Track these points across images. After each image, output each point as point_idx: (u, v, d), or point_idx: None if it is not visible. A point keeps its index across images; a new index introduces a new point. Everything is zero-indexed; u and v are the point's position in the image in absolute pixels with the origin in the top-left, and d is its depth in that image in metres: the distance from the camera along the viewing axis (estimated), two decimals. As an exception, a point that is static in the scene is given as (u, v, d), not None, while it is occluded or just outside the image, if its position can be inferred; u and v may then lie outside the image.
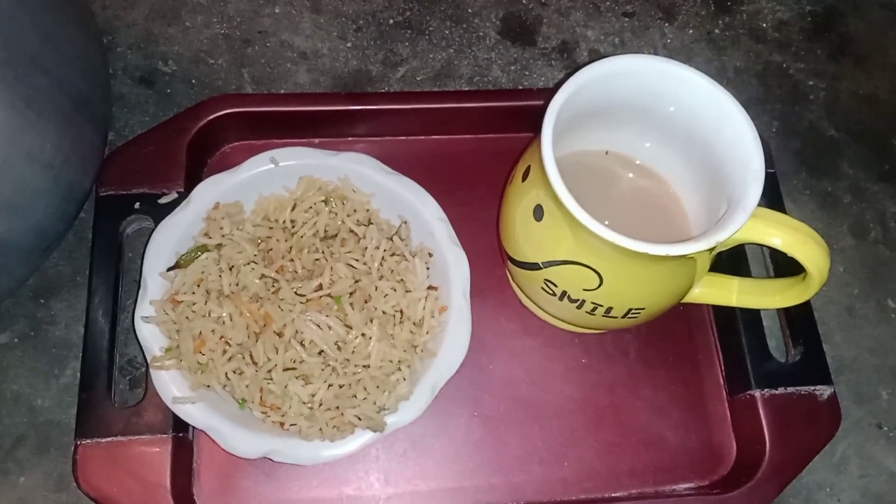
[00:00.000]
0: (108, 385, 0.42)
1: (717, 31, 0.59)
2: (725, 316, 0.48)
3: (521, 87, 0.55)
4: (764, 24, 0.59)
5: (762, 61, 0.58)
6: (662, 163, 0.45)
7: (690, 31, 0.58)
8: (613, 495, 0.45)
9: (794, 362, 0.46)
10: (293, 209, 0.45)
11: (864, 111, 0.57)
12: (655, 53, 0.57)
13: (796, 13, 0.60)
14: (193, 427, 0.42)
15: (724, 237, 0.36)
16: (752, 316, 0.47)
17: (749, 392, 0.45)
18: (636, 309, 0.41)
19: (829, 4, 0.61)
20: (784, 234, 0.38)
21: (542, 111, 0.38)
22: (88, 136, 0.44)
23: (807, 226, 0.38)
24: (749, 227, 0.37)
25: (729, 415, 0.47)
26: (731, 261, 0.48)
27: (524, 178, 0.41)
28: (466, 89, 0.55)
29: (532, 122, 0.51)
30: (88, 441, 0.41)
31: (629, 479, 0.45)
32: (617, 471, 0.45)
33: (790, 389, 0.45)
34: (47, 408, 0.44)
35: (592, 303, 0.40)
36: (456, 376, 0.43)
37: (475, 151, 0.52)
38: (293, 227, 0.44)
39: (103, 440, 0.41)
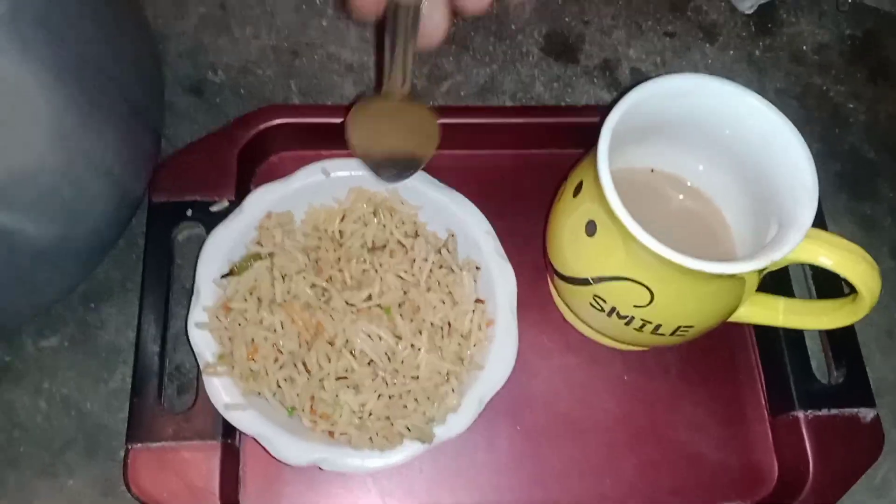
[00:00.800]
0: (159, 391, 0.43)
1: (757, 52, 0.59)
2: (767, 336, 0.48)
3: (564, 104, 0.56)
4: (804, 47, 0.60)
5: (802, 83, 0.58)
6: (709, 182, 0.45)
7: (731, 52, 0.59)
8: (655, 512, 0.45)
9: (837, 384, 0.47)
10: (342, 220, 0.45)
11: (904, 135, 0.57)
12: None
13: (836, 36, 0.60)
14: (240, 434, 0.43)
15: (778, 257, 0.36)
16: (796, 336, 0.47)
17: (793, 413, 0.45)
18: (685, 326, 0.41)
19: (869, 28, 0.61)
20: (837, 254, 0.38)
21: (589, 127, 0.39)
22: (144, 143, 0.45)
23: (858, 247, 0.38)
24: (802, 247, 0.38)
25: (770, 435, 0.47)
26: (775, 281, 0.48)
27: (576, 193, 0.41)
28: (511, 105, 0.55)
29: (575, 137, 0.52)
30: (139, 445, 0.41)
31: (669, 496, 0.45)
32: (657, 487, 0.46)
33: (833, 411, 0.45)
34: (96, 412, 0.45)
35: (642, 319, 0.41)
36: (501, 389, 0.43)
37: (520, 166, 0.52)
38: (341, 237, 0.45)
39: (154, 445, 0.41)
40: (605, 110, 0.39)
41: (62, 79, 0.36)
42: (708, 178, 0.44)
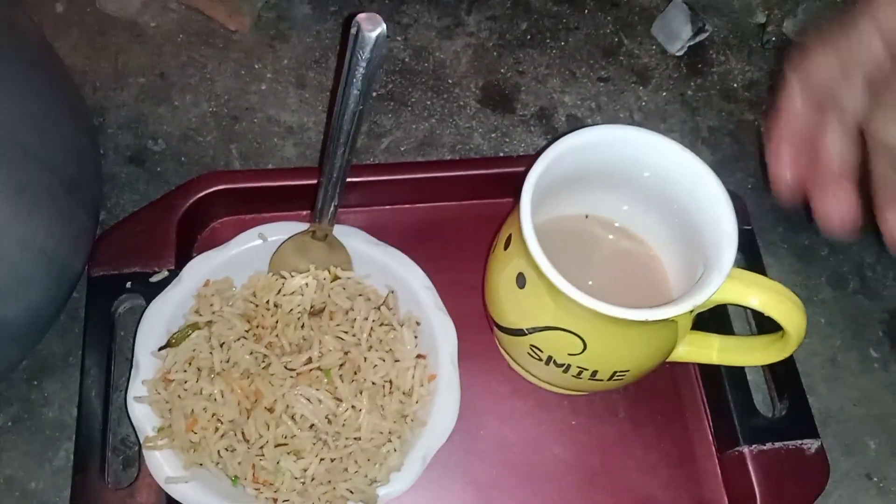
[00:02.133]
0: (102, 466, 0.43)
1: (689, 92, 0.61)
2: (711, 373, 0.49)
3: (502, 154, 0.57)
4: (735, 84, 0.61)
5: (735, 120, 0.60)
6: (641, 225, 0.46)
7: (664, 94, 0.60)
8: (609, 557, 0.45)
9: (780, 417, 0.47)
10: (279, 292, 0.45)
11: (837, 165, 0.58)
12: (631, 116, 0.59)
13: (765, 72, 0.62)
14: (187, 506, 0.42)
15: (701, 300, 0.37)
16: (737, 372, 0.48)
17: (738, 448, 0.46)
18: (621, 371, 0.41)
19: (797, 62, 0.63)
20: (760, 294, 0.39)
21: (522, 178, 0.39)
22: (80, 219, 0.46)
23: (781, 286, 0.39)
24: (726, 289, 0.38)
25: (719, 471, 0.47)
26: (714, 318, 0.48)
27: (506, 246, 0.42)
28: (449, 158, 0.56)
29: (514, 187, 0.52)
30: (83, 525, 0.41)
31: (623, 540, 0.45)
32: (611, 532, 0.46)
33: (778, 444, 0.46)
34: (41, 490, 0.44)
35: (578, 367, 0.41)
36: (447, 443, 0.43)
37: (460, 217, 0.53)
38: (278, 307, 0.45)
39: (97, 524, 0.41)
40: (532, 161, 0.40)
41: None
42: (636, 218, 0.45)
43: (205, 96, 0.57)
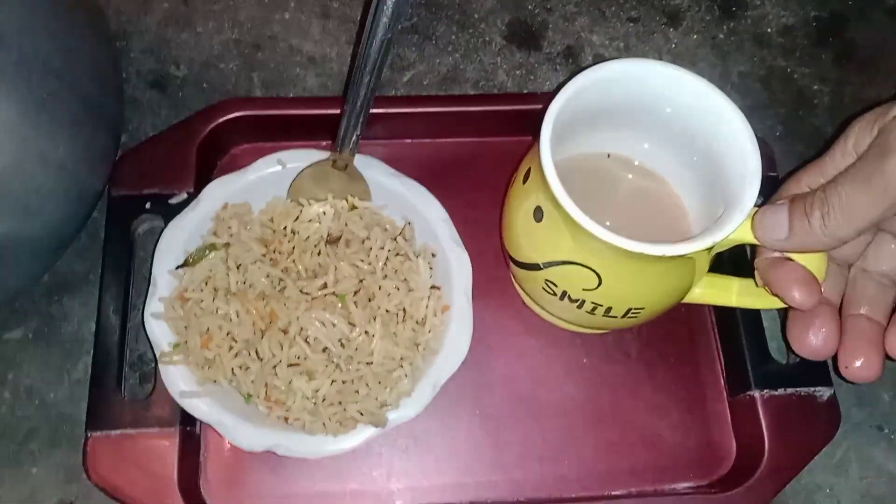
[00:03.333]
0: (118, 379, 0.43)
1: (721, 35, 0.59)
2: (726, 317, 0.48)
3: (525, 92, 0.56)
4: (769, 30, 0.60)
5: (766, 66, 0.59)
6: (662, 164, 0.45)
7: (695, 37, 0.59)
8: (613, 493, 0.45)
9: (794, 363, 0.47)
10: (297, 219, 0.45)
11: (868, 115, 0.57)
12: (660, 58, 0.58)
13: (801, 18, 0.60)
14: (200, 421, 0.43)
15: (720, 238, 0.37)
16: (753, 317, 0.47)
17: (749, 393, 0.46)
18: (635, 309, 0.41)
19: (834, 10, 0.61)
20: (781, 235, 0.38)
21: (544, 114, 0.39)
22: (101, 139, 0.46)
23: None
24: (745, 228, 0.38)
25: (729, 415, 0.47)
26: (732, 262, 0.48)
27: (525, 180, 0.42)
28: (472, 93, 0.55)
29: (534, 125, 0.52)
30: (98, 433, 0.42)
31: (629, 477, 0.46)
32: (616, 469, 0.46)
33: (790, 390, 0.45)
34: (59, 401, 0.45)
35: (592, 302, 0.41)
36: (458, 375, 0.44)
37: (480, 154, 0.53)
38: (295, 234, 0.45)
39: (113, 433, 0.42)
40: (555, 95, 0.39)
41: (8, 80, 0.37)
42: (658, 157, 0.45)
43: (228, 23, 0.56)
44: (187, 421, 0.43)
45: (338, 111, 0.47)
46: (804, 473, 0.45)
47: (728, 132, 0.40)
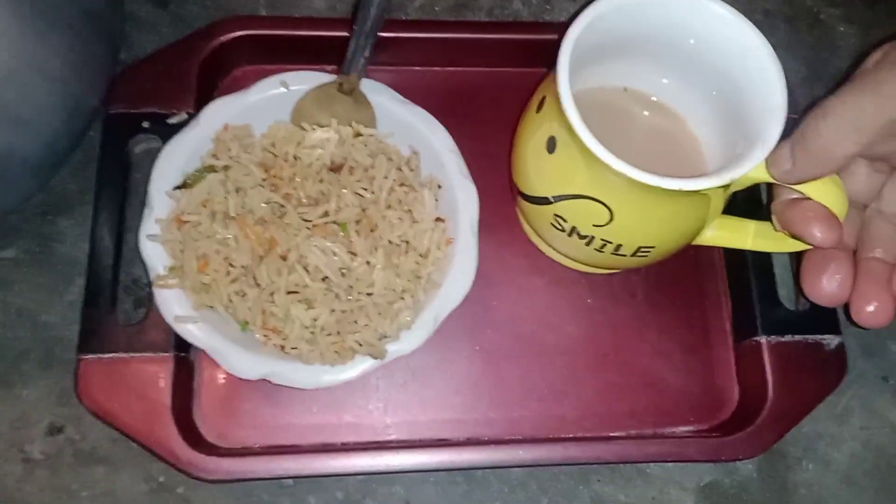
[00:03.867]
0: (112, 302, 0.42)
1: (747, -29, 0.57)
2: (736, 261, 0.47)
3: (541, 21, 0.54)
4: (797, -34, 0.57)
5: (793, 5, 0.56)
6: (680, 100, 0.43)
7: (719, -29, 0.56)
8: (611, 434, 0.45)
9: (803, 310, 0.46)
10: (299, 144, 0.44)
11: (895, 60, 0.55)
12: (681, -8, 0.55)
13: (832, -44, 0.58)
14: (195, 348, 0.42)
15: (738, 174, 0.35)
16: (764, 262, 0.46)
17: (755, 338, 0.45)
18: (646, 248, 0.40)
19: (867, -52, 0.58)
20: (803, 175, 0.37)
21: (559, 44, 0.37)
22: (98, 52, 0.44)
23: None
24: (764, 167, 0.36)
25: (734, 360, 0.47)
26: (748, 204, 0.47)
27: (538, 109, 0.40)
28: (485, 20, 0.53)
29: (550, 55, 0.50)
30: (90, 356, 0.41)
31: (628, 419, 0.45)
32: (616, 411, 0.45)
33: (797, 337, 0.45)
34: (52, 323, 0.45)
35: (602, 239, 0.40)
36: (460, 310, 0.42)
37: (492, 85, 0.51)
38: (297, 160, 0.44)
39: (105, 356, 0.41)
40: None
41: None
42: (676, 93, 0.43)
43: (233, -62, 0.54)
44: (182, 346, 0.42)
45: (346, 34, 0.45)
46: (806, 421, 0.45)
47: (754, 65, 0.38)
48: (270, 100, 0.45)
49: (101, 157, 0.45)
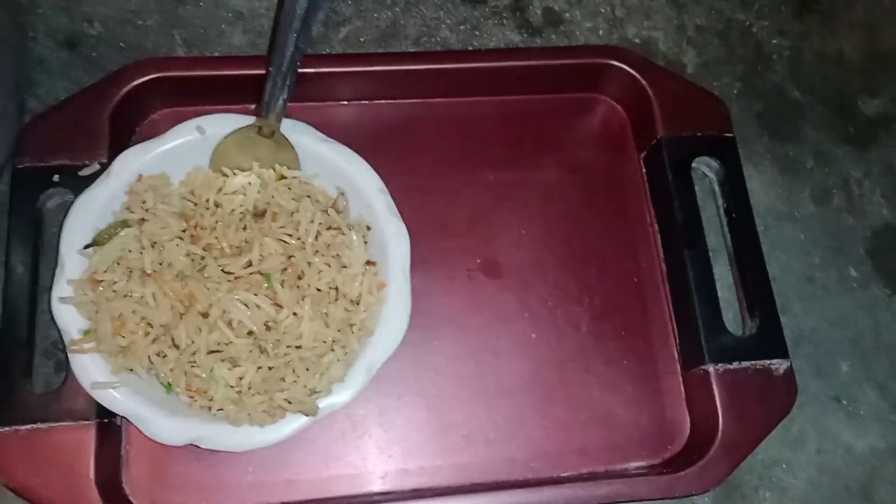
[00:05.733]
0: (28, 369, 0.40)
1: (678, -13, 0.56)
2: (679, 287, 0.46)
3: (470, 48, 0.52)
4: (727, -20, 0.57)
5: (724, 19, 0.56)
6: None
7: (650, -12, 0.56)
8: (562, 475, 0.43)
9: (749, 335, 0.45)
10: (220, 190, 0.42)
11: (830, 71, 0.55)
12: (613, 11, 0.55)
13: (761, -32, 0.57)
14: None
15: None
16: (707, 287, 0.45)
17: (703, 367, 0.44)
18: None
19: (796, -41, 0.58)
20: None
21: (498, 71, 0.36)
22: (1, 104, 0.42)
23: None
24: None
25: (683, 390, 0.45)
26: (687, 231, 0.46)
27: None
28: (413, 51, 0.52)
29: (481, 83, 0.49)
30: (6, 429, 0.39)
31: (579, 458, 0.44)
32: (566, 450, 0.44)
33: (745, 364, 0.44)
34: (-35, 394, 0.42)
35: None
36: (399, 354, 0.41)
37: (419, 117, 0.49)
38: (218, 207, 0.42)
39: (22, 428, 0.39)
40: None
41: None
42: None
43: (147, -25, 0.52)
44: (105, 412, 0.40)
45: (265, 71, 0.43)
46: (760, 448, 0.43)
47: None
48: (187, 146, 0.43)
49: (10, 214, 0.43)
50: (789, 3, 0.57)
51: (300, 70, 0.41)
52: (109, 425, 0.41)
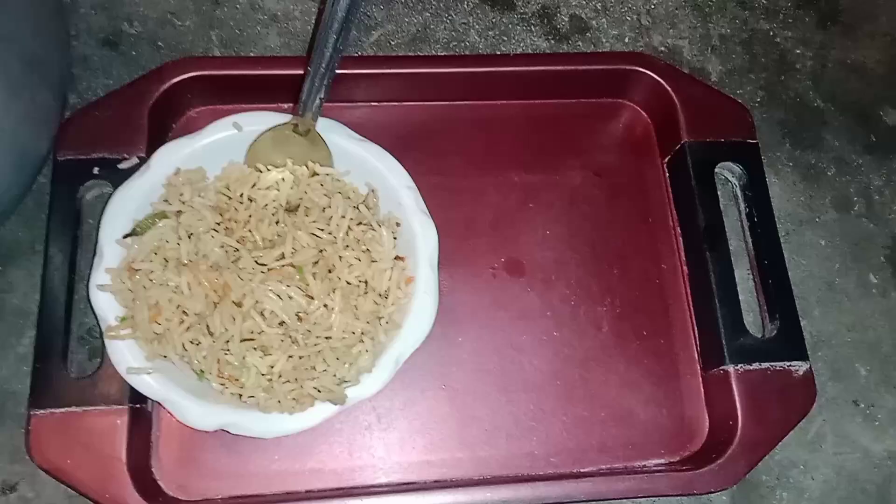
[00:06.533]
0: (64, 354, 0.41)
1: (702, -4, 0.57)
2: (701, 289, 0.47)
3: (498, 53, 0.53)
4: (752, -10, 0.58)
5: (749, 29, 0.56)
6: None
7: (675, -3, 0.57)
8: (582, 470, 0.44)
9: (769, 337, 0.45)
10: (254, 186, 0.43)
11: (852, 81, 0.55)
12: (638, 20, 0.56)
13: (785, -21, 0.58)
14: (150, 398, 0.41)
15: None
16: (729, 289, 0.46)
17: (723, 367, 0.44)
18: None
19: (820, -30, 0.59)
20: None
21: (525, 76, 0.36)
22: (44, 99, 0.43)
23: None
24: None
25: (703, 390, 0.46)
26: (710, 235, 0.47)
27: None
28: (442, 54, 0.53)
29: (507, 88, 0.50)
30: (42, 412, 0.40)
31: (598, 454, 0.44)
32: (586, 446, 0.45)
33: (765, 365, 0.44)
34: (3, 377, 0.43)
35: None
36: (424, 349, 0.42)
37: (448, 118, 0.50)
38: (252, 201, 0.43)
39: (57, 411, 0.40)
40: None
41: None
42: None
43: (185, -23, 0.53)
44: (137, 398, 0.41)
45: (300, 72, 0.45)
46: (778, 449, 0.44)
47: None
48: (223, 142, 0.44)
49: (51, 205, 0.44)
50: (812, 14, 0.57)
51: (335, 72, 0.43)
52: (141, 411, 0.42)
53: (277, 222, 0.42)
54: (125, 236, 0.41)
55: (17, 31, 0.40)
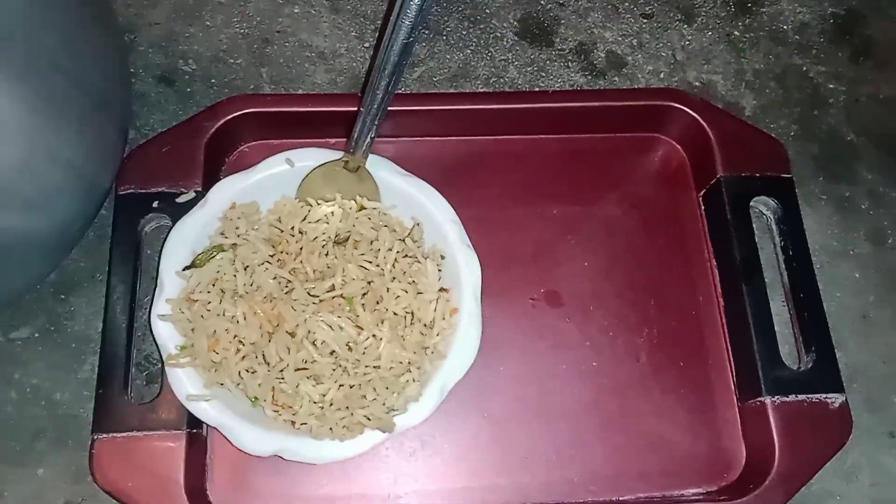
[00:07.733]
0: (125, 381, 0.43)
1: (736, 32, 0.58)
2: (737, 320, 0.48)
3: (537, 89, 0.55)
4: (784, 26, 0.59)
5: (782, 64, 0.58)
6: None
7: (709, 33, 0.58)
8: (620, 499, 0.45)
9: (806, 369, 0.46)
10: (304, 219, 0.45)
11: (884, 115, 0.56)
12: (673, 55, 0.57)
13: (817, 15, 0.59)
14: (207, 424, 0.43)
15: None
16: (765, 322, 0.47)
17: (759, 399, 0.45)
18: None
19: (851, 6, 0.60)
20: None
21: (560, 112, 0.38)
22: (109, 135, 0.45)
23: None
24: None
25: (739, 421, 0.47)
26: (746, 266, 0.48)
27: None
28: (483, 91, 0.55)
29: (544, 122, 0.52)
30: (104, 436, 0.42)
31: (636, 482, 0.45)
32: (624, 474, 0.46)
33: (801, 397, 0.45)
34: (66, 401, 0.45)
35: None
36: (466, 376, 0.43)
37: (491, 152, 0.52)
38: (303, 234, 0.45)
39: (119, 435, 0.42)
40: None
41: (15, 78, 0.36)
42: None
43: (237, 17, 0.56)
44: (194, 423, 0.43)
45: (348, 108, 0.47)
46: (814, 480, 0.45)
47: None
48: (276, 177, 0.46)
49: (113, 236, 0.46)
50: (845, 49, 0.59)
51: (383, 109, 0.45)
52: (197, 435, 0.43)
53: (327, 254, 0.44)
54: (185, 268, 0.43)
55: (87, 70, 0.42)
